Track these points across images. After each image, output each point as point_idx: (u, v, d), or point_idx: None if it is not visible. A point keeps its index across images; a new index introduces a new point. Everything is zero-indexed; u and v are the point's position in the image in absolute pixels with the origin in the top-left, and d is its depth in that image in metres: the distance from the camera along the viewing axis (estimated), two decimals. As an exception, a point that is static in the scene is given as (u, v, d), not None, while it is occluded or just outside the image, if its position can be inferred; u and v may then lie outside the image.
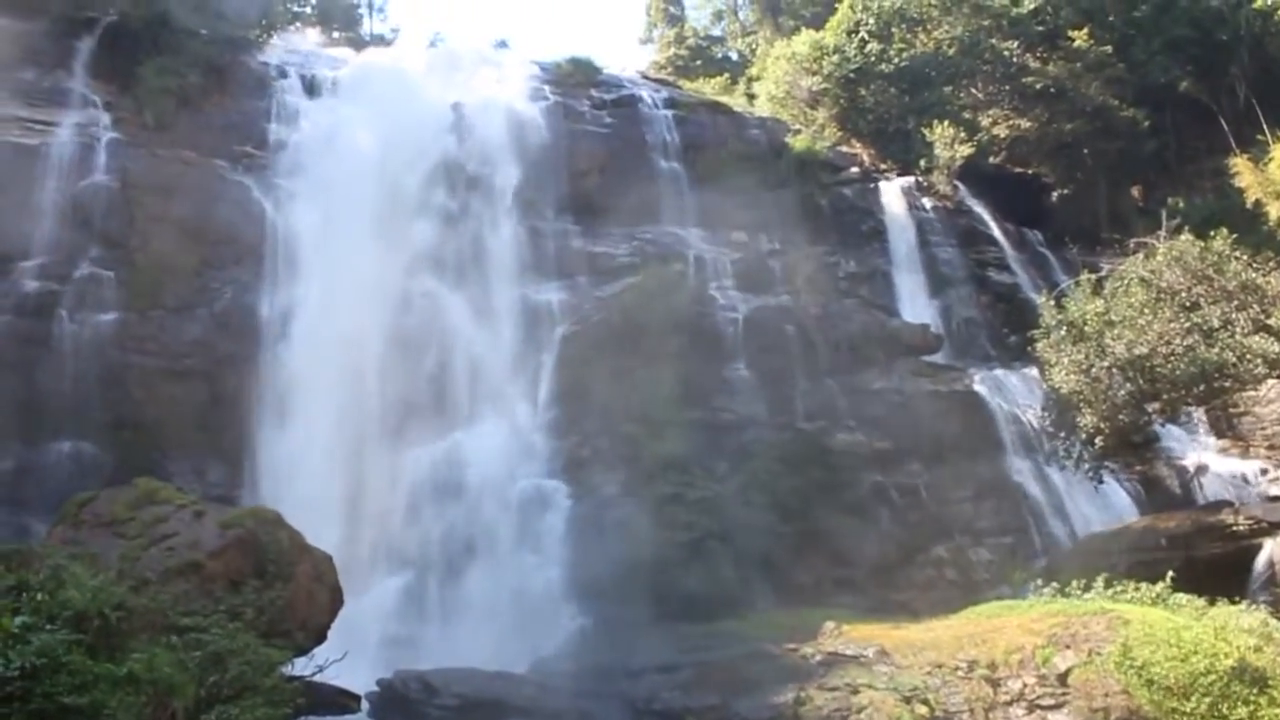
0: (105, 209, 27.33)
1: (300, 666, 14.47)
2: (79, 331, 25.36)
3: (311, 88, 33.80)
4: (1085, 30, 40.83)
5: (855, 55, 42.83)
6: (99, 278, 26.33)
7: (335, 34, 43.85)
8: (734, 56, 62.91)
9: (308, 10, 43.68)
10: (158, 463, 23.11)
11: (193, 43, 30.74)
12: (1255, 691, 15.85)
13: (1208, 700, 15.69)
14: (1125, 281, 25.32)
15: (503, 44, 50.77)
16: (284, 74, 33.79)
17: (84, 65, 30.16)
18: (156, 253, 27.06)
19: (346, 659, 14.90)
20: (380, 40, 46.55)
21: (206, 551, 15.16)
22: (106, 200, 27.45)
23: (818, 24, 47.82)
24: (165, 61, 29.86)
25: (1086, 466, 25.99)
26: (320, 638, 15.96)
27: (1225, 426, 31.15)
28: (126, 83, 29.79)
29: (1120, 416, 24.26)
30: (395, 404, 26.96)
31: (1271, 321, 23.31)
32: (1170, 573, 19.81)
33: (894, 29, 43.63)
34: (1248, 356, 22.89)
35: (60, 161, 27.42)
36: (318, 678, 14.68)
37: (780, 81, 44.77)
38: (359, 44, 43.14)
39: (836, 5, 46.94)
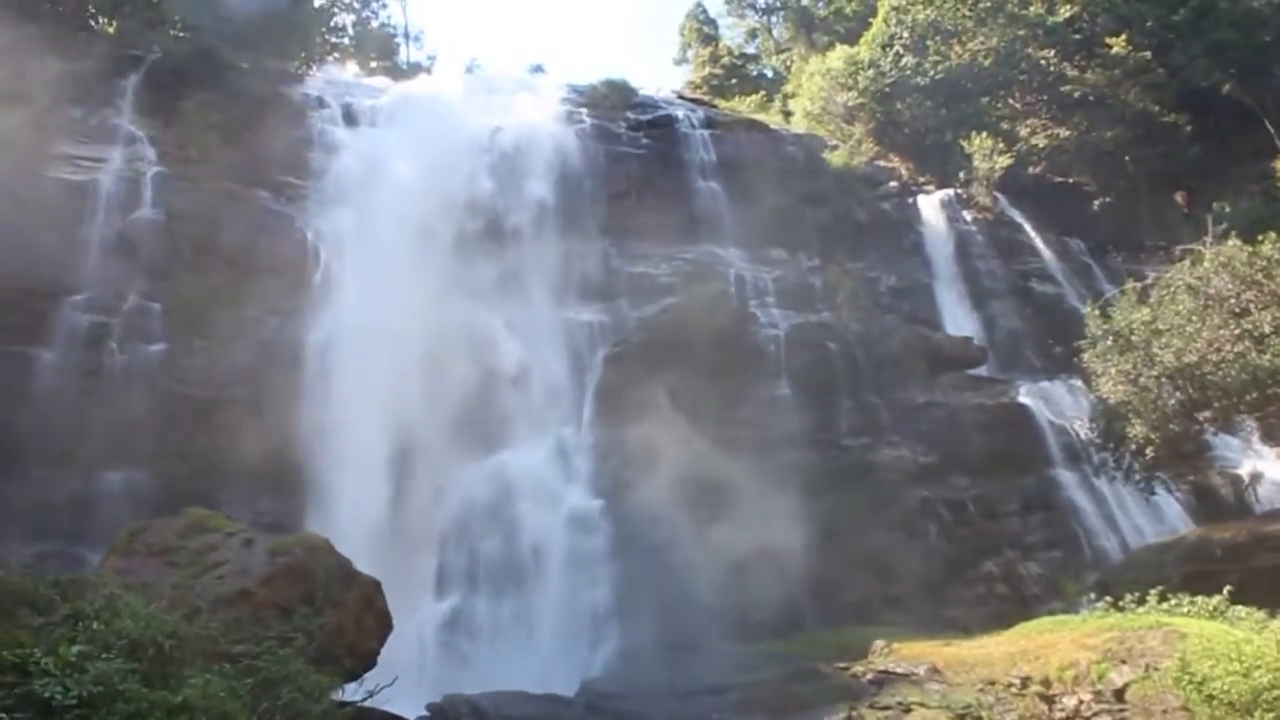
0: (152, 242, 27.83)
1: (350, 692, 14.51)
2: (128, 363, 25.76)
3: (351, 117, 34.29)
4: (1123, 37, 40.46)
5: (890, 69, 42.78)
6: (147, 309, 26.77)
7: (373, 64, 44.46)
8: (769, 74, 63.01)
9: (345, 41, 44.33)
10: (207, 491, 23.27)
11: (234, 76, 31.31)
12: (1322, 707, 15.45)
13: (1271, 716, 15.29)
14: (1172, 289, 24.95)
15: (538, 68, 51.38)
16: (324, 104, 34.30)
17: (130, 102, 30.80)
18: (202, 283, 27.46)
19: (396, 683, 14.92)
20: (417, 68, 47.14)
21: (256, 579, 15.22)
22: (153, 233, 27.95)
23: (852, 39, 47.82)
24: (208, 96, 30.41)
25: (1137, 477, 25.60)
26: (370, 663, 15.99)
27: None
28: (171, 117, 30.36)
29: (1170, 426, 23.88)
30: (440, 427, 27.11)
31: (1324, 326, 22.89)
32: (1227, 585, 19.43)
33: (929, 42, 43.47)
34: (1300, 362, 22.46)
35: (108, 196, 28.00)
36: (368, 703, 14.70)
37: (816, 97, 44.79)
38: (396, 73, 43.72)
39: (870, 20, 46.94)
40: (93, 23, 33.59)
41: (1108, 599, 20.42)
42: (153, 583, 14.37)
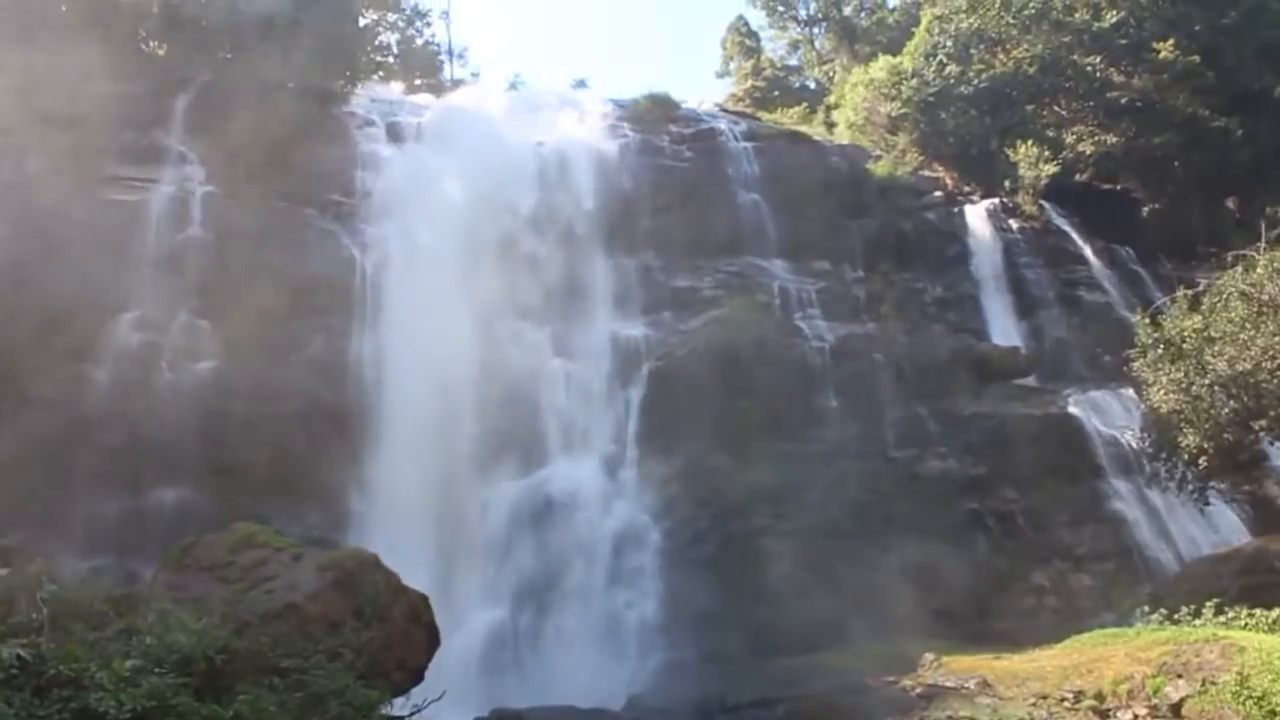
0: (201, 260, 28.20)
1: (398, 706, 14.57)
2: (178, 380, 26.09)
3: (396, 134, 34.62)
4: (1171, 41, 39.91)
5: (934, 78, 42.52)
6: (196, 327, 27.11)
7: (417, 81, 44.86)
8: (811, 85, 62.89)
9: (390, 60, 44.72)
10: (255, 507, 23.37)
11: (281, 96, 31.64)
12: (1386, 722, 15.06)
13: (1333, 731, 14.96)
14: (1224, 296, 24.52)
15: (581, 83, 51.68)
16: (369, 122, 34.68)
17: (179, 123, 31.29)
18: (250, 301, 27.73)
19: (444, 697, 14.95)
20: (461, 85, 47.46)
21: (305, 594, 15.31)
22: (202, 251, 28.33)
23: (894, 49, 47.60)
24: (255, 116, 30.72)
25: (1190, 488, 25.15)
26: (418, 678, 16.05)
27: (1338, 443, 29.94)
28: (219, 138, 30.71)
29: (1224, 435, 23.45)
30: (486, 442, 27.24)
31: (1382, 333, 22.39)
32: (1287, 597, 19.09)
33: (972, 50, 43.17)
34: (1358, 370, 21.99)
35: (158, 216, 28.48)
36: (416, 717, 14.76)
37: (859, 108, 44.61)
38: (441, 90, 44.07)
39: (913, 30, 46.73)
40: (143, 45, 34.15)
41: (1162, 612, 20.12)
42: (203, 598, 14.52)
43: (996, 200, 39.29)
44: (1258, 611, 18.99)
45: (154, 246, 27.88)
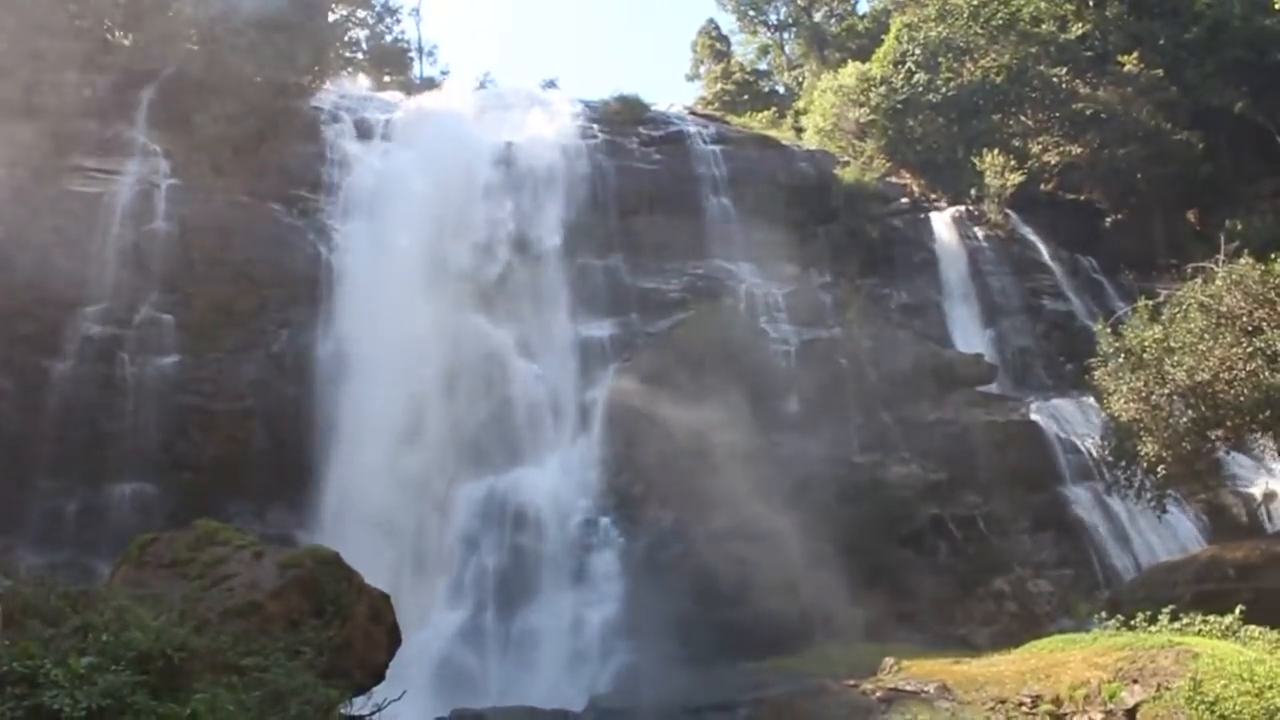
0: (165, 254, 27.98)
1: (359, 706, 14.48)
2: (140, 374, 25.88)
3: (364, 131, 34.42)
4: (1135, 54, 40.43)
5: (902, 86, 42.79)
6: (159, 321, 26.90)
7: (386, 78, 44.58)
8: (781, 90, 63.09)
9: (359, 56, 44.45)
10: (217, 503, 23.30)
11: (248, 90, 31.40)
12: (1335, 728, 15.27)
13: (1283, 737, 15.17)
14: (1184, 307, 24.83)
15: (551, 84, 51.37)
16: (337, 118, 34.43)
17: (144, 115, 30.98)
18: (214, 296, 27.59)
19: (404, 697, 14.89)
20: (430, 83, 47.21)
21: (266, 592, 15.14)
22: (166, 245, 28.11)
23: (864, 56, 47.88)
24: (222, 109, 30.52)
25: (1149, 495, 25.43)
26: (379, 677, 15.93)
27: (1292, 453, 30.38)
28: (185, 130, 30.48)
29: (1183, 444, 23.72)
30: (450, 442, 27.19)
31: (1337, 345, 22.73)
32: (1240, 604, 19.29)
33: (940, 59, 43.51)
34: (1313, 381, 22.30)
35: (122, 209, 28.19)
36: (376, 717, 14.66)
37: (827, 114, 44.84)
38: (410, 87, 43.82)
39: (882, 37, 47.03)
40: (109, 36, 33.78)
41: (1119, 617, 20.28)
42: (162, 595, 14.34)
43: (962, 208, 39.61)
44: (1211, 618, 19.18)
45: (117, 239, 27.63)
